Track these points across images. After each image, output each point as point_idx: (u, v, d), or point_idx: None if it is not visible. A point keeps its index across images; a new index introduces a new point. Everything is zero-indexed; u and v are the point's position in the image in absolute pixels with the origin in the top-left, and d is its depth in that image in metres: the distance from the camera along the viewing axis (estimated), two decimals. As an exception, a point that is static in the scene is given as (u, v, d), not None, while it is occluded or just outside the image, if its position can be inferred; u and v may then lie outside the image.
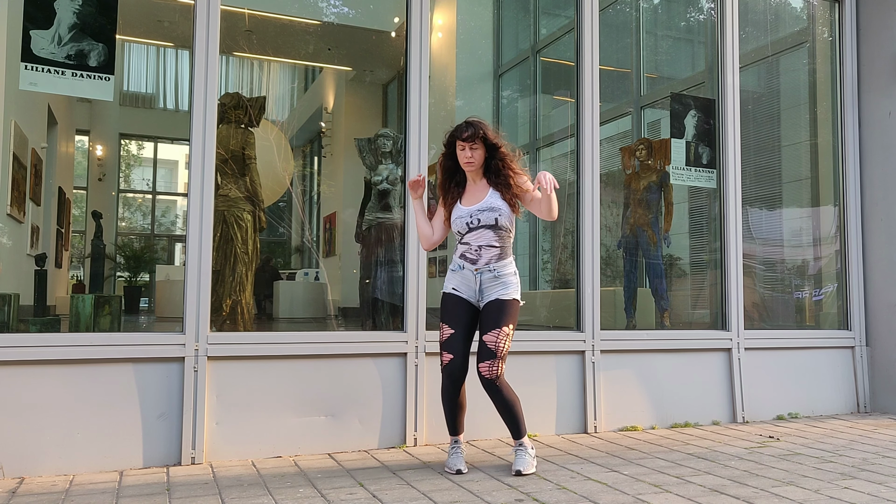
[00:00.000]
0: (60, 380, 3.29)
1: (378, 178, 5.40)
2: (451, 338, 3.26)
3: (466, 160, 3.29)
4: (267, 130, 7.37)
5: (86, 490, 2.95)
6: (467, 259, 3.29)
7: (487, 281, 3.28)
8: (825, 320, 5.63)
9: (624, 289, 5.86)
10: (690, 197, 6.01)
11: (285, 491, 2.94)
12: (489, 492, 2.93)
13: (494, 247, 3.27)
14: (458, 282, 3.33)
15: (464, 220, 3.30)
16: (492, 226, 3.26)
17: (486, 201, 3.29)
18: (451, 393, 3.30)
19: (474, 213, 3.28)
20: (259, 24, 7.78)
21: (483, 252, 3.27)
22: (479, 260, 3.27)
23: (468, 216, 3.29)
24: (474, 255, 3.27)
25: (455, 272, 3.34)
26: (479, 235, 3.27)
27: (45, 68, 3.38)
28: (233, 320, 4.83)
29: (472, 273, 3.29)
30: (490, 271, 3.27)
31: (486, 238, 3.27)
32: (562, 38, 7.44)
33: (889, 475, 3.29)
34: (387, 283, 5.09)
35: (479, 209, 3.28)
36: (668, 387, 4.65)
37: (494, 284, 3.27)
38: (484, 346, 3.21)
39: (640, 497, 2.88)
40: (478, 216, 3.27)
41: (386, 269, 5.17)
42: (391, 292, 5.00)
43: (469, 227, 3.28)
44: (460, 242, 3.35)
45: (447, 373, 3.25)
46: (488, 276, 3.27)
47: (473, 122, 3.30)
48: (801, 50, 6.04)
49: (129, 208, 15.61)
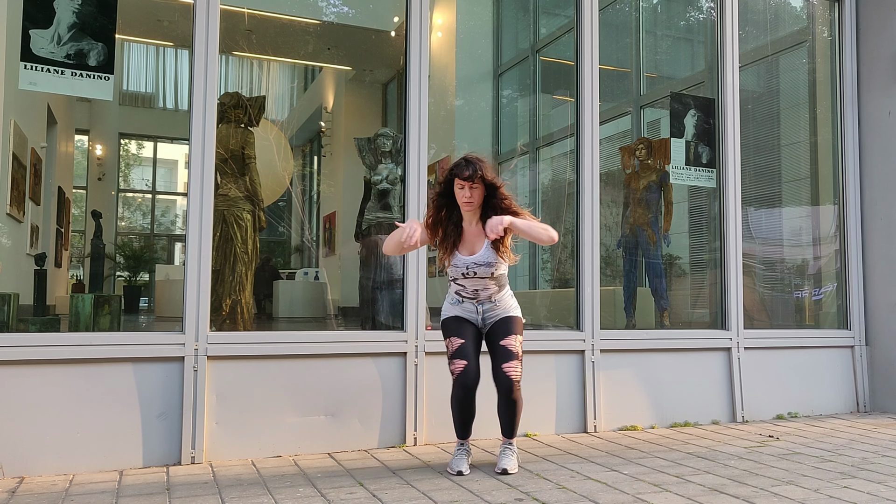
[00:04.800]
0: (60, 380, 3.29)
1: (378, 177, 5.41)
2: (463, 346, 3.25)
3: (465, 200, 3.22)
4: (267, 130, 7.37)
5: (86, 490, 2.95)
6: (465, 298, 3.34)
7: (489, 309, 3.34)
8: (825, 320, 5.64)
9: (624, 288, 5.86)
10: (690, 196, 6.01)
11: (285, 490, 2.94)
12: (489, 491, 2.94)
13: (491, 289, 3.32)
14: (459, 310, 3.36)
15: (460, 269, 3.28)
16: (487, 277, 3.28)
17: (481, 256, 3.25)
18: (464, 402, 3.25)
19: (471, 265, 3.26)
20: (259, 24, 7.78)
21: (480, 294, 3.32)
22: (476, 298, 3.33)
23: (464, 267, 3.27)
24: (472, 296, 3.33)
25: (455, 305, 3.37)
26: (474, 282, 3.29)
27: (44, 68, 3.38)
28: (232, 320, 4.83)
29: (472, 304, 3.34)
30: (490, 302, 3.33)
31: (482, 283, 3.30)
32: (561, 38, 7.44)
33: (888, 474, 3.29)
34: (386, 282, 5.09)
35: (476, 263, 3.25)
36: (668, 386, 4.65)
37: (496, 310, 3.34)
38: (504, 349, 3.24)
39: (640, 496, 2.88)
40: (473, 269, 3.26)
41: (386, 268, 5.17)
42: (391, 292, 5.00)
43: (465, 276, 3.29)
44: (455, 282, 3.34)
45: (462, 380, 3.21)
46: (489, 306, 3.33)
47: (472, 161, 3.19)
48: (800, 49, 6.04)
49: (128, 208, 15.61)
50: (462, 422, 3.33)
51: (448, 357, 3.29)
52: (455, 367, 3.24)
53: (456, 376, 3.23)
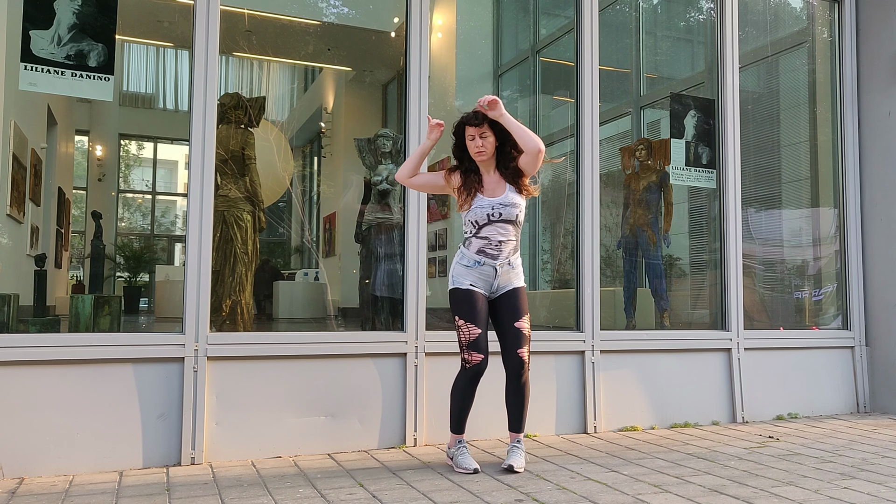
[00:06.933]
0: (60, 380, 3.29)
1: (378, 178, 5.41)
2: (480, 337, 3.25)
3: (477, 150, 3.28)
4: (267, 130, 7.37)
5: (85, 490, 2.95)
6: (487, 255, 3.28)
7: (505, 273, 3.32)
8: (825, 320, 5.63)
9: (624, 289, 5.86)
10: (690, 197, 6.01)
11: (285, 491, 2.94)
12: (489, 492, 2.93)
13: (512, 241, 3.31)
14: (475, 277, 3.30)
15: (485, 210, 3.26)
16: (512, 221, 3.29)
17: (506, 197, 3.29)
18: (467, 391, 3.31)
19: (496, 205, 3.27)
20: (259, 25, 7.78)
21: (503, 247, 3.29)
22: (499, 255, 3.29)
23: (489, 207, 3.26)
24: (495, 251, 3.28)
25: (471, 268, 3.30)
26: (498, 229, 3.27)
27: (44, 68, 3.38)
28: (232, 320, 4.83)
29: (492, 268, 3.30)
30: (509, 265, 3.32)
31: (507, 232, 3.29)
32: (561, 39, 7.44)
33: (888, 475, 3.29)
34: (386, 283, 5.09)
35: (502, 203, 3.27)
36: (668, 387, 4.65)
37: (510, 275, 3.33)
38: (519, 332, 3.27)
39: (640, 497, 2.88)
40: (499, 210, 3.27)
41: (386, 269, 5.17)
42: (391, 292, 5.00)
43: (489, 219, 3.26)
44: (476, 236, 3.30)
45: (473, 372, 3.25)
46: (506, 269, 3.31)
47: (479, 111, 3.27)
48: (800, 50, 6.04)
49: (128, 208, 15.61)
50: (461, 409, 3.35)
51: (461, 342, 3.26)
52: (471, 358, 3.24)
53: (467, 367, 3.26)
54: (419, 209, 4.09)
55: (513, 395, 3.32)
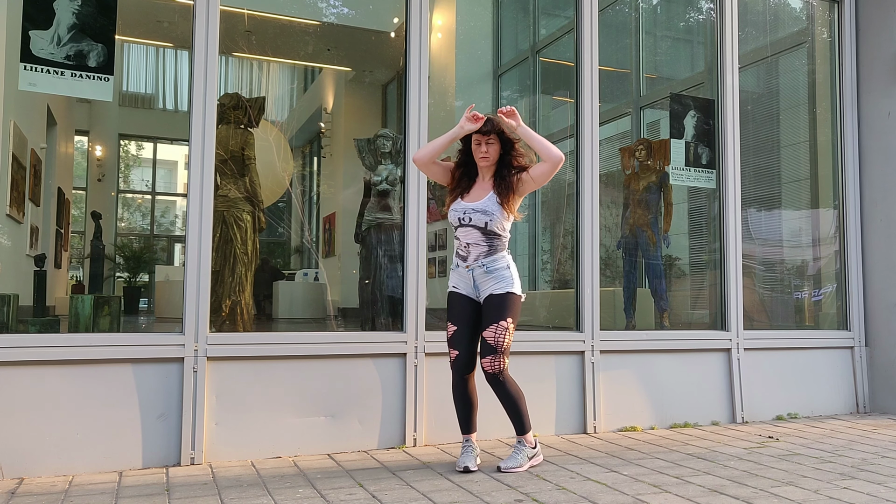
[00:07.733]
0: (60, 380, 3.29)
1: (377, 178, 5.41)
2: (455, 334, 3.36)
3: (482, 155, 3.36)
4: (266, 131, 7.37)
5: (85, 490, 2.95)
6: (459, 256, 3.39)
7: (480, 276, 3.34)
8: (824, 321, 5.63)
9: (623, 289, 5.86)
10: (690, 197, 6.01)
11: (285, 491, 2.94)
12: (489, 492, 2.93)
13: (481, 246, 3.33)
14: (456, 279, 3.42)
15: (457, 214, 3.37)
16: (480, 228, 3.32)
17: (482, 203, 3.33)
18: (461, 388, 3.38)
19: (468, 210, 3.34)
20: (259, 25, 7.78)
21: (471, 249, 3.34)
22: (468, 257, 3.35)
23: (461, 212, 3.36)
24: (464, 252, 3.37)
25: (454, 270, 3.44)
26: (467, 233, 3.35)
27: (44, 69, 3.38)
28: (232, 321, 4.83)
29: (465, 270, 3.37)
30: (480, 267, 3.33)
31: (474, 237, 3.33)
32: (561, 39, 7.44)
33: (888, 475, 3.29)
34: (386, 283, 5.09)
35: (474, 209, 3.33)
36: (668, 387, 4.65)
37: (487, 279, 3.33)
38: (484, 341, 3.30)
39: (640, 497, 2.88)
40: (469, 215, 3.33)
41: (385, 269, 5.17)
42: (391, 293, 5.00)
43: (460, 223, 3.36)
44: (455, 238, 3.43)
45: (455, 369, 3.37)
46: (479, 272, 3.34)
47: (491, 117, 3.37)
48: (800, 50, 6.05)
49: (128, 209, 15.61)
50: (462, 412, 3.41)
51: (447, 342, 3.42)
52: (449, 353, 3.38)
53: (451, 363, 3.38)
54: (419, 209, 4.09)
55: (502, 401, 3.37)
